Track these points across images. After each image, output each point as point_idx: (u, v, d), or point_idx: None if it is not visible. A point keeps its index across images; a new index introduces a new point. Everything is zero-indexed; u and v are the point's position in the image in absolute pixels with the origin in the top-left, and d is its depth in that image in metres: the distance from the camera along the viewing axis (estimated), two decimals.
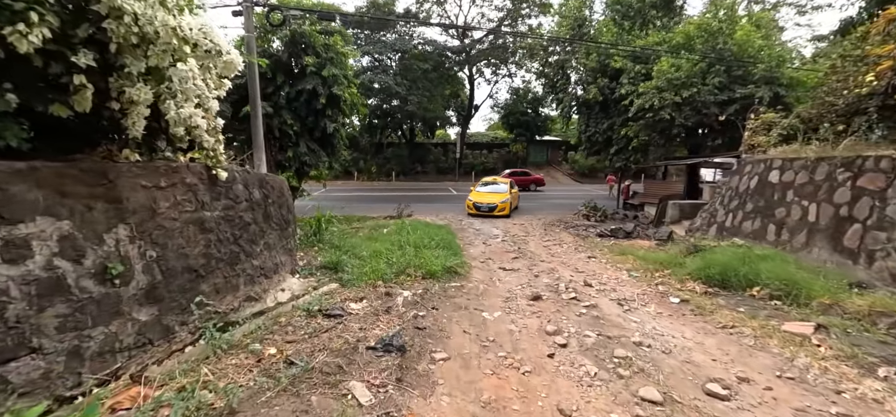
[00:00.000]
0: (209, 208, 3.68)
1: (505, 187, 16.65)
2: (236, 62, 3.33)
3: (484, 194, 15.81)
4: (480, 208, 14.74)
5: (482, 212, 14.66)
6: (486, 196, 15.38)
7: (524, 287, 5.81)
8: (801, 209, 7.03)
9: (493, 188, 16.53)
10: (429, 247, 6.81)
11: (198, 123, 3.09)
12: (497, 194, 15.75)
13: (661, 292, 5.75)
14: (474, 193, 15.92)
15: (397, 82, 28.73)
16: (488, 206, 14.70)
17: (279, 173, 13.90)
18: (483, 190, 16.37)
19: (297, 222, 8.78)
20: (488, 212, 14.61)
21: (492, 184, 17.07)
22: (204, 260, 3.58)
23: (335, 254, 6.37)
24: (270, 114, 12.71)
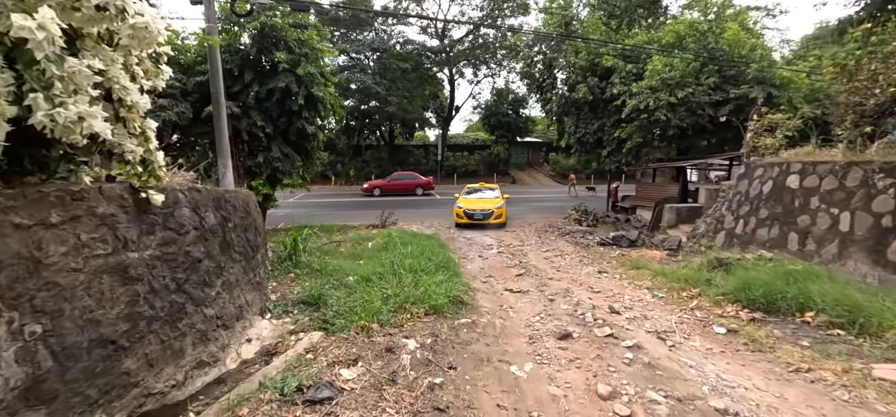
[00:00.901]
0: (136, 246, 2.58)
1: (495, 192, 15.35)
2: (152, 29, 2.25)
3: (475, 201, 14.19)
4: (473, 217, 13.14)
5: (476, 221, 13.09)
6: (479, 203, 13.82)
7: (544, 318, 4.92)
8: (830, 218, 6.48)
9: (483, 195, 15.07)
10: (426, 270, 5.82)
11: (97, 128, 2.00)
12: (490, 200, 14.24)
13: (699, 319, 4.99)
14: (463, 200, 14.21)
15: (376, 82, 27.52)
16: (483, 213, 13.12)
17: (248, 180, 12.57)
18: (472, 196, 14.84)
19: (270, 240, 7.63)
20: (483, 220, 13.07)
21: (478, 191, 15.61)
22: (128, 324, 2.48)
23: (315, 283, 5.29)
24: (238, 115, 11.40)
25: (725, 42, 13.78)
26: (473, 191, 15.69)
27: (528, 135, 41.75)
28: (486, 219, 13.04)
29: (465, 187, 16.17)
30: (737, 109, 13.02)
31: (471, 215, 13.13)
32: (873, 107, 6.16)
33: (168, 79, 3.13)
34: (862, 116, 6.47)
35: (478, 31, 33.53)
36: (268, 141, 12.12)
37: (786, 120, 9.20)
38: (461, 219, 13.32)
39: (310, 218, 16.72)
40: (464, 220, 13.24)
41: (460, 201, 14.17)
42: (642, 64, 14.68)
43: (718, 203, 10.26)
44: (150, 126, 2.77)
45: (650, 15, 18.07)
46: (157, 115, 10.01)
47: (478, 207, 13.37)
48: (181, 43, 12.25)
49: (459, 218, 13.38)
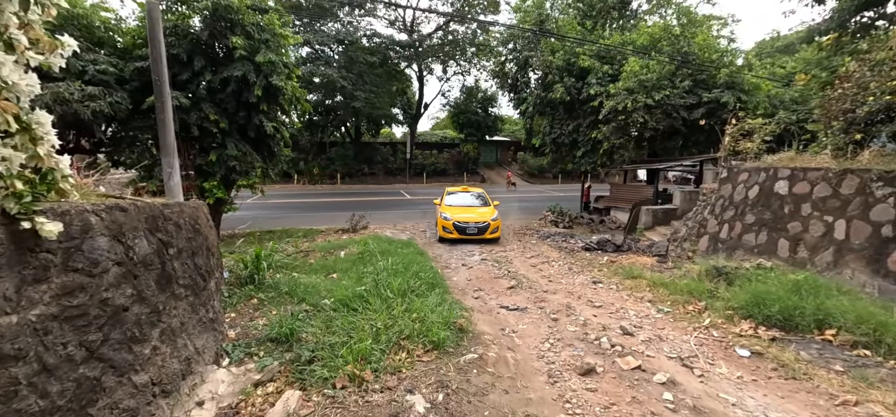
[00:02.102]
0: (13, 306, 1.68)
1: (482, 198, 12.82)
2: None
3: (462, 209, 11.70)
4: (466, 231, 10.69)
5: (468, 236, 10.69)
6: (468, 213, 11.41)
7: (554, 345, 4.34)
8: (823, 225, 6.41)
9: (468, 200, 12.60)
10: (417, 290, 5.07)
11: None
12: (481, 209, 11.86)
13: (717, 338, 4.62)
14: (447, 208, 11.60)
15: (342, 75, 26.12)
16: (477, 227, 10.71)
17: (199, 182, 11.17)
18: (456, 203, 12.25)
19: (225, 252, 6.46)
20: (477, 235, 10.71)
21: (461, 194, 13.09)
22: None
23: (284, 310, 4.40)
24: (187, 107, 10.03)
25: (697, 46, 13.99)
26: (454, 193, 13.25)
27: (497, 134, 41.69)
28: (481, 233, 10.74)
29: (445, 189, 13.59)
30: (709, 112, 13.23)
31: (462, 229, 10.71)
32: (864, 114, 6.12)
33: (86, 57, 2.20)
34: (851, 123, 6.44)
35: (447, 27, 32.88)
36: (222, 137, 10.80)
37: (764, 125, 9.26)
38: (449, 233, 10.78)
39: (271, 222, 15.39)
40: (452, 234, 10.73)
41: (444, 208, 11.56)
42: (618, 65, 14.65)
43: (699, 206, 10.26)
44: (41, 120, 1.84)
45: (621, 16, 18.20)
46: (85, 105, 8.55)
47: (470, 218, 11.01)
48: (115, 16, 10.62)
49: (447, 232, 10.81)
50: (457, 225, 10.72)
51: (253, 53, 10.49)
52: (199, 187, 11.18)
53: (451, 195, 12.82)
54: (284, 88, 10.89)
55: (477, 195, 13.05)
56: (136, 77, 10.16)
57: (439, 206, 11.96)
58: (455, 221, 10.76)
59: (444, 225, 10.87)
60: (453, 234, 10.73)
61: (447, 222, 10.85)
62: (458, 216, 10.97)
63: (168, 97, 7.88)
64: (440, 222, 11.05)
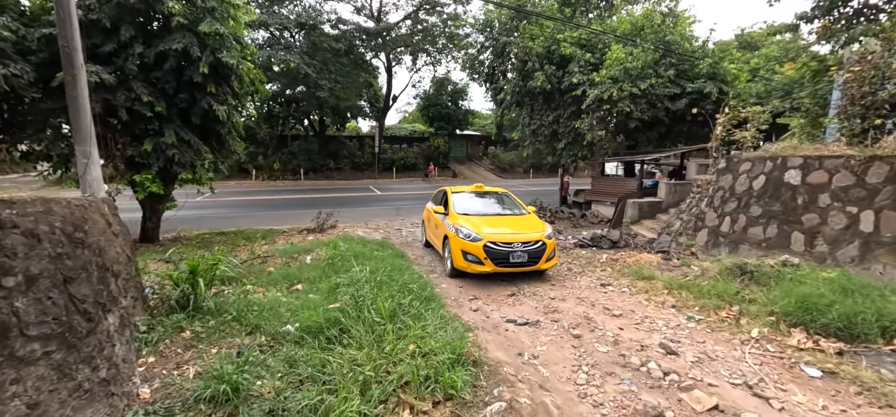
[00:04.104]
0: None
1: (504, 198, 8.32)
2: None
3: (491, 221, 7.04)
4: (510, 259, 6.21)
5: (514, 267, 6.26)
6: (503, 226, 6.87)
7: (591, 375, 3.41)
8: (845, 217, 5.92)
9: (493, 206, 7.94)
10: (409, 309, 3.95)
11: None
12: (521, 220, 7.28)
13: (774, 354, 3.86)
14: (465, 220, 6.88)
15: (305, 62, 24.17)
16: (527, 250, 6.27)
17: (130, 175, 9.38)
18: (474, 210, 7.47)
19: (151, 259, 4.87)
20: (528, 264, 6.31)
21: (475, 196, 8.21)
22: None
23: (230, 351, 3.16)
24: (112, 85, 8.31)
25: (678, 35, 13.70)
26: (464, 195, 8.12)
27: (467, 128, 40.91)
28: (535, 261, 6.31)
29: (446, 189, 8.38)
30: (692, 103, 12.95)
31: (503, 257, 6.17)
32: (887, 96, 5.68)
33: None
34: (869, 107, 6.00)
35: (417, 16, 31.52)
36: (159, 123, 9.08)
37: (759, 113, 8.87)
38: (477, 264, 6.19)
39: (225, 222, 13.61)
40: (484, 265, 6.15)
41: (459, 220, 6.85)
42: (600, 54, 14.10)
43: (693, 199, 9.80)
44: None
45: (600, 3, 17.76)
46: None
47: (512, 236, 6.41)
48: None
49: (473, 261, 6.22)
50: (492, 249, 6.12)
51: (195, 22, 8.85)
52: (131, 182, 9.40)
53: (461, 197, 7.93)
54: (236, 67, 9.32)
55: (501, 198, 8.32)
56: (45, 47, 8.25)
57: (446, 216, 7.25)
58: (488, 242, 6.16)
59: (467, 249, 6.23)
60: (485, 265, 6.10)
61: (471, 243, 6.21)
62: (491, 234, 6.33)
63: (81, 70, 6.25)
64: (455, 244, 6.42)
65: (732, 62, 13.62)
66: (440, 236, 7.38)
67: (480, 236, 6.30)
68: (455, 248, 6.48)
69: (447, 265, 6.84)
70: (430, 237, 8.57)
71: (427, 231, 8.87)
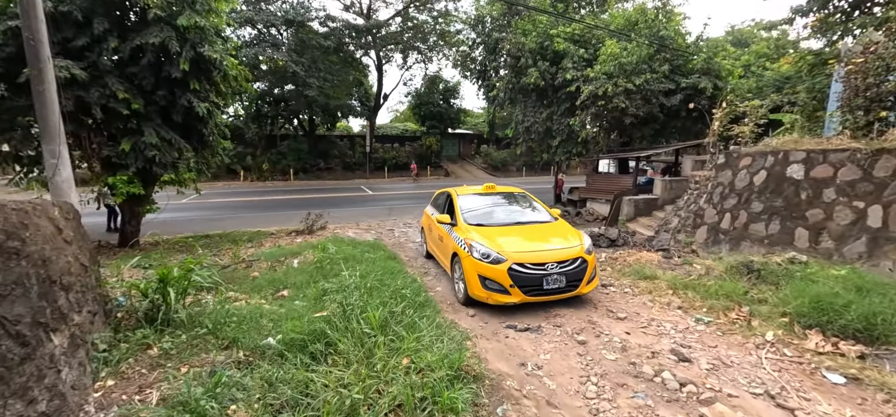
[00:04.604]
0: None
1: (521, 199, 6.69)
2: None
3: (513, 233, 5.51)
4: (545, 285, 4.76)
5: (550, 293, 4.82)
6: (530, 240, 5.32)
7: (601, 387, 3.14)
8: (852, 212, 5.75)
9: (512, 212, 6.28)
10: (402, 317, 3.64)
11: None
12: (547, 228, 5.78)
13: (791, 358, 3.64)
14: (481, 232, 5.35)
15: (293, 60, 23.64)
16: (564, 270, 4.83)
17: (106, 176, 8.92)
18: (490, 219, 5.96)
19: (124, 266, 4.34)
20: (567, 289, 4.88)
21: (487, 198, 6.62)
22: None
23: (202, 370, 2.83)
24: (85, 81, 7.85)
25: (672, 30, 13.56)
26: (472, 198, 6.53)
27: (459, 126, 40.62)
28: (574, 284, 4.91)
29: (449, 192, 6.92)
30: (686, 98, 12.81)
31: (536, 282, 4.76)
32: (889, 89, 5.53)
33: None
34: (873, 99, 5.84)
35: (406, 13, 31.11)
36: (138, 121, 8.62)
37: (758, 108, 8.72)
38: (501, 292, 4.77)
39: (211, 224, 13.15)
40: (510, 295, 4.74)
41: (473, 233, 5.33)
42: (594, 49, 13.90)
43: (691, 195, 9.63)
44: None
45: None
46: None
47: (544, 254, 4.96)
48: None
49: (495, 289, 4.78)
50: (520, 274, 4.69)
51: (174, 15, 8.41)
52: (106, 183, 8.93)
53: (469, 202, 6.31)
54: (219, 62, 8.89)
55: (518, 199, 6.64)
56: (11, 40, 7.75)
57: (453, 228, 5.77)
58: (515, 264, 4.71)
59: (486, 274, 4.77)
60: (512, 294, 4.68)
61: (492, 266, 4.75)
62: (516, 252, 4.85)
63: (48, 63, 5.83)
64: (470, 267, 4.92)
65: (726, 58, 13.52)
66: (447, 251, 5.84)
67: (503, 257, 4.73)
68: (470, 272, 4.87)
69: (458, 290, 5.34)
70: (432, 249, 7.12)
71: (429, 242, 7.37)
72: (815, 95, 8.93)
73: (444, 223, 6.13)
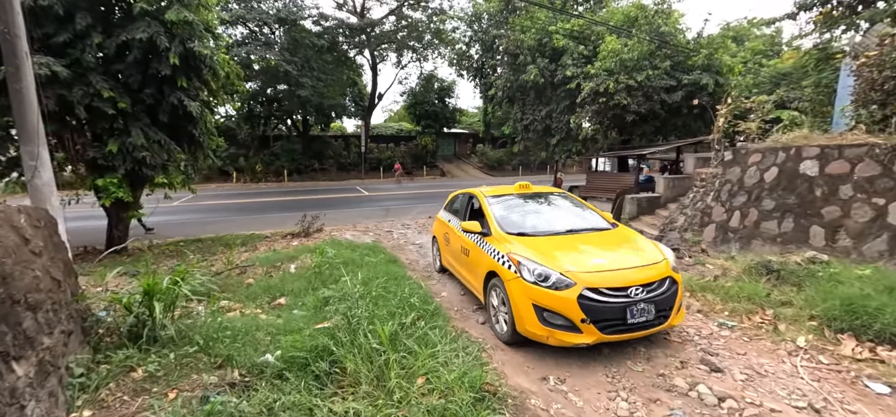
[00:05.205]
0: None
1: (565, 199, 5.38)
2: None
3: (573, 245, 4.09)
4: (630, 318, 3.38)
5: (635, 326, 3.43)
6: (596, 251, 4.01)
7: (632, 401, 2.89)
8: (871, 209, 5.58)
9: (566, 218, 4.80)
10: (412, 330, 3.36)
11: None
12: (616, 239, 4.41)
13: (828, 366, 3.42)
14: (530, 246, 3.96)
15: (286, 59, 23.21)
16: (652, 295, 3.49)
17: (92, 179, 8.52)
18: (537, 226, 4.58)
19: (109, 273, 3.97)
20: (656, 321, 3.51)
21: (525, 201, 5.19)
22: None
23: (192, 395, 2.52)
24: (67, 79, 7.45)
25: (672, 27, 13.42)
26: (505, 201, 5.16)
27: (455, 125, 40.36)
28: (664, 315, 3.58)
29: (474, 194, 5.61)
30: (688, 95, 12.68)
31: (615, 316, 3.38)
32: None
33: None
34: (890, 93, 5.67)
35: (400, 11, 30.78)
36: (125, 121, 8.24)
37: (765, 103, 8.55)
38: (566, 331, 3.39)
39: (203, 227, 12.75)
40: (584, 335, 3.36)
41: (518, 245, 4.00)
42: (594, 46, 13.72)
43: (697, 193, 9.45)
44: None
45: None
46: None
47: (619, 271, 3.60)
48: None
49: (555, 326, 3.42)
50: (595, 304, 3.37)
51: (161, 10, 8.04)
52: (93, 186, 8.52)
53: (503, 206, 5.02)
54: (209, 58, 8.52)
55: (561, 200, 5.39)
56: None
57: (485, 238, 4.53)
58: (587, 289, 3.40)
59: (546, 304, 3.46)
60: (584, 332, 3.37)
61: (554, 293, 3.44)
62: (586, 273, 3.54)
63: (25, 59, 5.45)
64: (520, 293, 3.61)
65: (726, 54, 13.40)
66: (477, 269, 4.53)
67: (568, 278, 3.42)
68: (519, 300, 3.55)
69: (498, 324, 3.99)
70: (450, 264, 5.86)
71: (445, 255, 6.08)
72: (821, 90, 8.79)
73: (471, 232, 4.78)
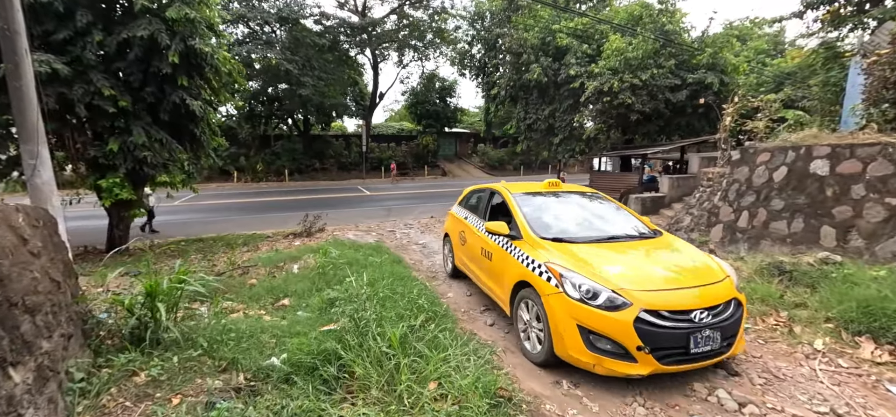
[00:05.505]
0: None
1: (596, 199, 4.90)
2: None
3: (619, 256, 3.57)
4: (693, 348, 2.88)
5: (698, 357, 2.93)
6: (648, 265, 3.43)
7: (650, 407, 2.80)
8: (884, 209, 5.48)
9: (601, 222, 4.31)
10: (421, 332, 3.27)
11: None
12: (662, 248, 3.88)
13: (848, 369, 3.33)
14: (574, 256, 3.42)
15: (287, 58, 23.13)
16: (718, 319, 3.00)
17: (93, 178, 8.45)
18: (574, 232, 4.02)
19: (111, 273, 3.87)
20: (721, 349, 3.03)
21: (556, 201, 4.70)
22: None
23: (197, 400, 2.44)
24: (68, 77, 7.38)
25: (676, 25, 13.32)
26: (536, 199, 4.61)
27: (456, 125, 40.27)
28: (729, 344, 3.09)
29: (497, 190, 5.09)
30: (692, 94, 12.59)
31: (677, 343, 2.89)
32: None
33: None
34: None
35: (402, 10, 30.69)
36: (125, 120, 8.16)
37: (773, 102, 8.46)
38: (619, 359, 2.90)
39: (205, 227, 12.69)
40: (638, 365, 2.86)
41: (561, 256, 3.43)
42: (598, 45, 13.63)
43: (703, 193, 9.37)
44: None
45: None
46: None
47: (687, 295, 3.04)
48: None
49: (606, 353, 2.93)
50: (657, 329, 2.86)
51: (162, 7, 7.96)
52: (95, 186, 8.45)
53: (533, 205, 4.45)
54: (211, 56, 8.45)
55: (596, 200, 4.89)
56: None
57: (514, 242, 3.97)
58: (646, 311, 2.88)
59: (596, 327, 2.94)
60: (639, 361, 2.86)
61: (605, 314, 2.91)
62: (646, 291, 2.99)
63: (25, 57, 5.39)
64: (563, 311, 3.08)
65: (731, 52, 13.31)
66: (503, 277, 4.01)
67: (623, 297, 2.90)
68: (562, 319, 3.05)
69: (528, 341, 3.53)
70: (465, 264, 5.38)
71: (459, 255, 5.60)
72: (829, 89, 8.70)
73: (496, 234, 4.23)
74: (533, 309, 3.50)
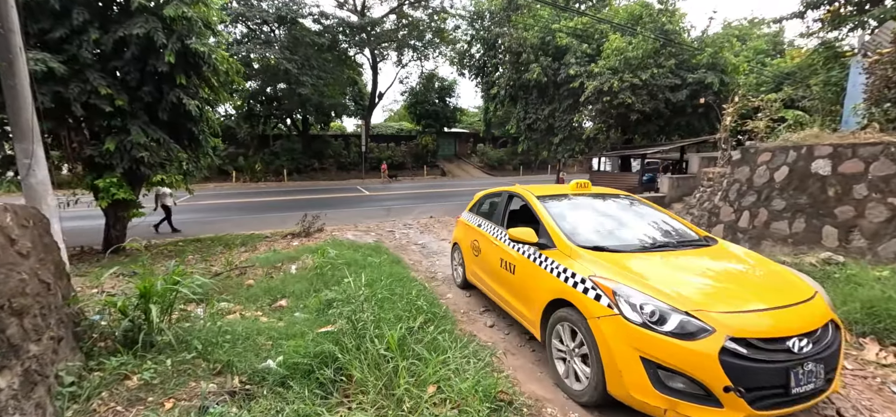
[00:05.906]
0: None
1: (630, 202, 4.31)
2: None
3: (676, 271, 2.91)
4: (791, 386, 2.25)
5: (792, 401, 2.30)
6: (716, 282, 2.80)
7: None
8: (887, 209, 5.45)
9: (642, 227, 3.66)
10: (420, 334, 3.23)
11: None
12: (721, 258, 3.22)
13: (852, 371, 3.29)
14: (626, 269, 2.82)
15: (286, 58, 23.07)
16: (824, 358, 2.39)
17: (90, 178, 8.38)
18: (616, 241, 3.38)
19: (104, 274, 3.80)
20: (819, 392, 2.40)
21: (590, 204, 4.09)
22: None
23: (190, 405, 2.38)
24: (64, 75, 7.31)
25: (676, 25, 13.29)
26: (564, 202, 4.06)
27: (455, 125, 40.24)
28: (830, 378, 2.46)
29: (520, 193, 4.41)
30: (693, 94, 12.56)
31: (778, 382, 2.26)
32: None
33: None
34: None
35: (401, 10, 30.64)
36: (122, 119, 8.09)
37: (773, 101, 8.43)
38: (695, 402, 2.25)
39: (202, 227, 12.62)
40: (724, 409, 2.21)
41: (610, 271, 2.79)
42: (598, 45, 13.59)
43: (704, 193, 9.33)
44: None
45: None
46: None
47: (781, 317, 2.42)
48: None
49: (678, 395, 2.28)
50: (746, 361, 2.23)
51: (159, 6, 7.89)
52: (92, 186, 8.38)
53: (565, 208, 3.92)
54: (208, 55, 8.37)
55: (632, 204, 4.27)
56: None
57: (546, 252, 3.36)
58: (735, 338, 2.25)
59: (664, 357, 2.31)
60: (729, 407, 2.20)
61: (683, 344, 2.28)
62: (728, 313, 2.38)
63: (19, 54, 5.34)
64: (622, 337, 2.45)
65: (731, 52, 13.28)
66: (531, 294, 3.46)
67: (704, 322, 2.33)
68: (619, 347, 2.47)
69: (569, 377, 2.96)
70: (479, 278, 4.85)
71: (472, 267, 5.07)
72: (830, 89, 8.67)
73: (521, 243, 3.64)
74: (575, 336, 2.84)
